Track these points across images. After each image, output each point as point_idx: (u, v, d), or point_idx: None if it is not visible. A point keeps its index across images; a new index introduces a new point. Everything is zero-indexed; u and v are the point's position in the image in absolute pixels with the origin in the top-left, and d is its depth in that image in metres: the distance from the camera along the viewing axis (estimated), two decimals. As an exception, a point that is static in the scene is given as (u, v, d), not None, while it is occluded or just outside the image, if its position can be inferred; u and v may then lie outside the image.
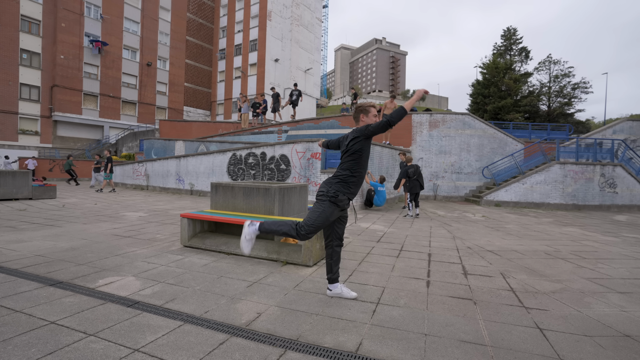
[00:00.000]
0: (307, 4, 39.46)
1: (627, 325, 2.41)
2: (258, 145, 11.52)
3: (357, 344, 2.03)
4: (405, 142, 14.23)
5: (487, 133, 14.14)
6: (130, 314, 2.34)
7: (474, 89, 33.53)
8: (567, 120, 30.33)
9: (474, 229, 6.80)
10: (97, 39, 28.06)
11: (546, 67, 33.04)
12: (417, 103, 69.37)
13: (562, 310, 2.66)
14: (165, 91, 33.72)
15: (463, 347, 2.03)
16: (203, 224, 4.67)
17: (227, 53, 38.17)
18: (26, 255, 3.80)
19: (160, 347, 1.91)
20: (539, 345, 2.07)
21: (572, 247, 5.24)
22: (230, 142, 15.16)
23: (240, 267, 3.57)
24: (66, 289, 2.78)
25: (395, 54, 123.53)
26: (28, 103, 25.68)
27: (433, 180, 14.10)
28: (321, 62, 43.50)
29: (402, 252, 4.54)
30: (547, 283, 3.37)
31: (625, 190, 12.06)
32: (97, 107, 28.77)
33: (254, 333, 2.12)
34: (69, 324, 2.15)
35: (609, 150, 12.88)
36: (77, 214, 7.20)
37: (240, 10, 37.06)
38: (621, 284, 3.40)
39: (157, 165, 14.31)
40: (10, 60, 24.61)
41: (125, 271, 3.31)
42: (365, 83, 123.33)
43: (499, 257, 4.39)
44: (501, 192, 12.12)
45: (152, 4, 32.10)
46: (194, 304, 2.54)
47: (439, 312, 2.55)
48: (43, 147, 26.10)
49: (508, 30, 35.41)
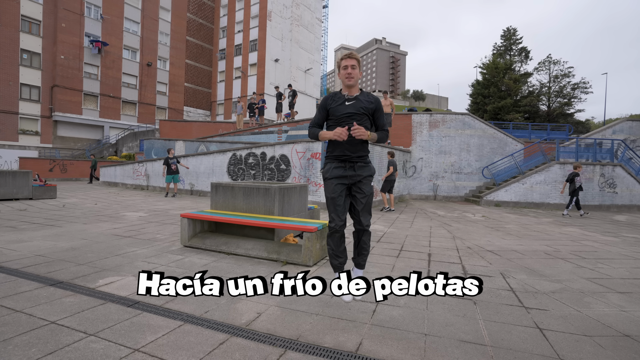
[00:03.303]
0: (307, 4, 39.46)
1: (627, 325, 2.42)
2: (258, 145, 11.51)
3: (357, 344, 2.03)
4: (405, 142, 14.23)
5: (487, 133, 14.14)
6: (130, 313, 2.34)
7: (474, 89, 33.56)
8: (566, 121, 30.36)
9: (474, 229, 6.80)
10: (97, 39, 28.08)
11: (546, 67, 33.09)
12: (417, 104, 68.89)
13: (562, 310, 2.66)
14: (165, 91, 33.73)
15: (463, 347, 2.03)
16: (203, 224, 4.67)
17: (227, 53, 38.18)
18: (26, 255, 3.80)
19: (161, 347, 1.91)
20: (539, 345, 2.07)
21: (572, 247, 5.24)
22: (230, 142, 15.16)
23: (240, 267, 3.57)
24: (66, 288, 2.78)
25: (395, 54, 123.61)
26: (28, 103, 25.69)
27: (433, 180, 14.10)
28: (321, 62, 43.47)
29: (402, 252, 4.54)
30: (547, 283, 3.37)
31: (625, 190, 12.06)
32: (97, 107, 28.78)
33: (254, 333, 2.12)
34: (69, 324, 2.15)
35: (608, 151, 12.88)
36: (78, 214, 7.20)
37: (240, 10, 37.07)
38: (621, 284, 3.40)
39: (157, 166, 14.31)
40: (10, 61, 24.63)
41: (125, 271, 3.31)
42: (366, 83, 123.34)
43: (498, 257, 4.40)
44: (501, 192, 12.11)
45: (152, 4, 32.12)
46: (194, 304, 2.54)
47: (439, 312, 2.55)
48: (43, 147, 26.11)
49: (508, 31, 35.45)
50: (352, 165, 2.40)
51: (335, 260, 2.48)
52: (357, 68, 2.40)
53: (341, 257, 2.49)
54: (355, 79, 2.40)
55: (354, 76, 2.38)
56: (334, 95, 2.48)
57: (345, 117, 2.37)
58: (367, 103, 2.41)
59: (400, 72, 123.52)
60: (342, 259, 2.49)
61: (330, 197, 2.41)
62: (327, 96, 2.50)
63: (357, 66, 2.40)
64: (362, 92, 2.47)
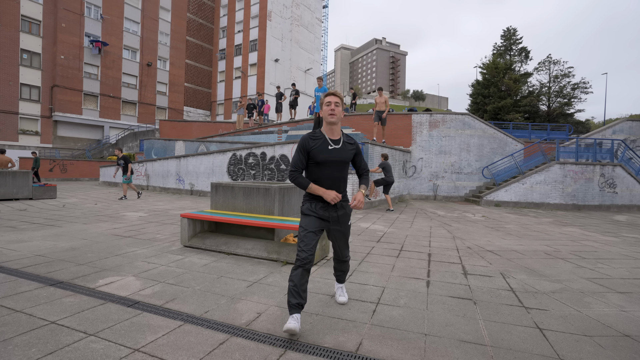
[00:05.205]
0: (307, 4, 39.47)
1: (627, 325, 2.42)
2: (258, 145, 11.52)
3: (357, 344, 2.03)
4: (405, 142, 14.24)
5: (487, 133, 14.14)
6: (130, 314, 2.34)
7: (474, 89, 33.54)
8: (566, 121, 30.34)
9: (474, 229, 6.80)
10: (97, 39, 28.07)
11: (546, 67, 33.06)
12: (417, 104, 68.62)
13: (562, 310, 2.66)
14: (165, 91, 33.72)
15: (463, 347, 2.03)
16: (203, 224, 4.67)
17: (227, 53, 38.19)
18: (26, 255, 3.80)
19: (161, 347, 1.91)
20: (539, 345, 2.07)
21: (571, 247, 5.24)
22: (230, 142, 15.16)
23: (240, 267, 3.57)
24: (66, 289, 2.78)
25: (395, 54, 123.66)
26: (28, 103, 25.69)
27: (433, 180, 14.10)
28: (321, 62, 43.49)
29: (402, 252, 4.54)
30: (547, 283, 3.37)
31: (625, 190, 12.06)
32: (98, 107, 28.77)
33: (254, 333, 2.12)
34: (69, 324, 2.15)
35: (608, 151, 12.88)
36: (78, 214, 7.20)
37: (240, 10, 37.07)
38: (621, 284, 3.40)
39: (157, 166, 14.31)
40: (10, 61, 24.62)
41: (125, 271, 3.31)
42: (365, 83, 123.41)
43: (498, 257, 4.40)
44: (501, 192, 12.12)
45: (152, 4, 32.11)
46: (194, 304, 2.54)
47: (439, 312, 2.55)
48: (43, 147, 26.09)
49: (508, 31, 35.43)
50: (335, 206, 2.33)
51: (294, 299, 2.12)
52: (340, 106, 2.30)
53: (302, 297, 2.14)
54: (338, 117, 2.29)
55: (336, 114, 2.28)
56: (313, 135, 2.32)
57: (329, 164, 2.28)
58: (350, 151, 2.36)
59: (400, 72, 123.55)
60: (302, 300, 2.14)
61: (306, 229, 2.24)
62: (306, 137, 2.31)
63: (340, 104, 2.30)
64: (342, 134, 2.40)
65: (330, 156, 2.27)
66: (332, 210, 2.32)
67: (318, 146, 2.27)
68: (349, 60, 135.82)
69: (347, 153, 2.34)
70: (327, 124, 2.31)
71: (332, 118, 2.27)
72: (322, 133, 2.33)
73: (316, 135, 2.32)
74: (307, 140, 2.29)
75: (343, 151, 2.32)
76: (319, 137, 2.30)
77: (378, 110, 11.18)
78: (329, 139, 2.30)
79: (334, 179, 2.30)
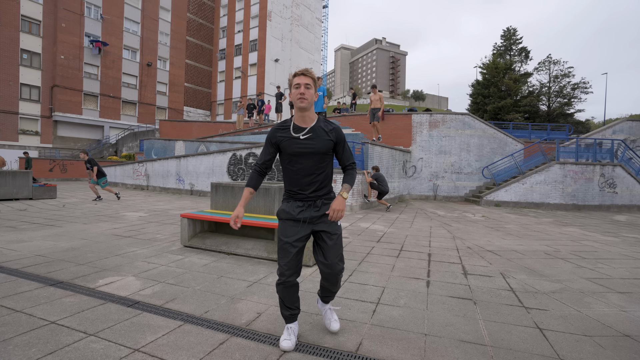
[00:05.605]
0: (307, 4, 39.48)
1: (627, 325, 2.42)
2: (258, 145, 11.51)
3: (357, 344, 2.03)
4: (405, 142, 14.24)
5: (487, 133, 14.14)
6: (130, 314, 2.34)
7: (474, 89, 33.56)
8: (566, 121, 30.35)
9: (474, 229, 6.80)
10: (97, 39, 28.06)
11: (546, 67, 33.08)
12: (417, 104, 68.62)
13: (562, 310, 2.66)
14: (165, 91, 33.72)
15: (463, 347, 2.03)
16: (203, 224, 4.68)
17: (227, 53, 38.19)
18: (26, 255, 3.80)
19: (161, 347, 1.91)
20: (539, 345, 2.07)
21: (571, 247, 5.24)
22: (230, 142, 15.15)
23: (240, 267, 3.57)
24: (66, 289, 2.78)
25: (395, 54, 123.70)
26: (28, 103, 25.68)
27: (433, 180, 14.10)
28: (321, 62, 43.52)
29: (402, 252, 4.54)
30: (547, 283, 3.37)
31: (625, 190, 12.06)
32: (97, 107, 28.77)
33: (254, 333, 2.12)
34: (69, 324, 2.15)
35: (608, 151, 12.88)
36: (78, 214, 7.20)
37: (240, 10, 37.08)
38: (621, 284, 3.40)
39: (157, 166, 14.31)
40: (10, 61, 24.62)
41: (125, 271, 3.31)
42: (365, 83, 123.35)
43: (498, 257, 4.40)
44: (501, 192, 12.12)
45: (152, 4, 32.11)
46: (194, 304, 2.54)
47: (439, 312, 2.55)
48: (43, 147, 26.09)
49: (508, 31, 35.45)
50: (312, 204, 1.96)
51: (286, 310, 1.99)
52: (312, 88, 1.92)
53: (293, 307, 2.00)
54: (310, 101, 1.91)
55: (307, 97, 1.89)
56: (282, 125, 1.99)
57: (300, 157, 1.93)
58: (326, 140, 1.94)
59: (400, 72, 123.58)
60: (295, 310, 2.01)
61: (284, 241, 1.92)
62: (274, 127, 2.01)
63: (312, 86, 1.92)
64: (318, 120, 1.99)
65: (301, 147, 1.91)
66: (313, 210, 1.96)
67: (288, 137, 1.93)
68: (349, 60, 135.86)
69: (323, 143, 1.93)
70: (298, 109, 1.93)
71: (302, 103, 1.89)
72: (292, 122, 1.99)
73: (285, 124, 1.99)
74: (274, 131, 1.98)
75: (318, 140, 1.92)
76: (288, 127, 1.96)
77: (373, 108, 11.23)
78: (300, 128, 1.94)
79: (311, 175, 1.93)
